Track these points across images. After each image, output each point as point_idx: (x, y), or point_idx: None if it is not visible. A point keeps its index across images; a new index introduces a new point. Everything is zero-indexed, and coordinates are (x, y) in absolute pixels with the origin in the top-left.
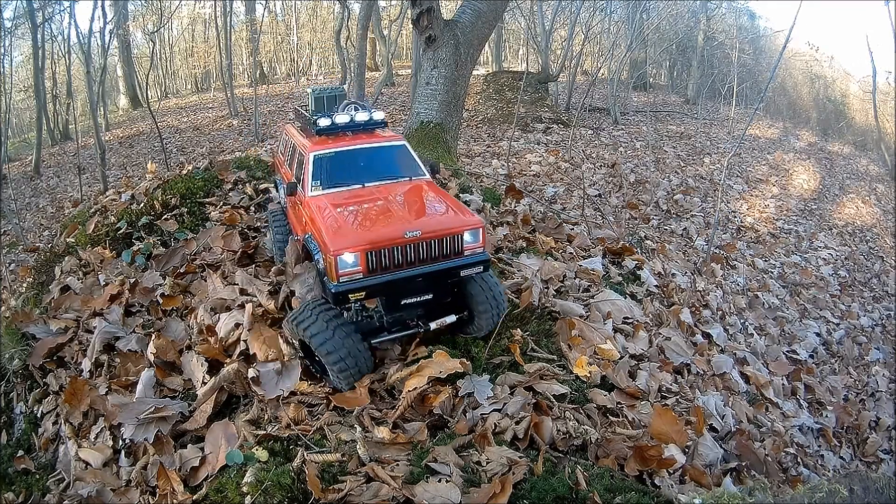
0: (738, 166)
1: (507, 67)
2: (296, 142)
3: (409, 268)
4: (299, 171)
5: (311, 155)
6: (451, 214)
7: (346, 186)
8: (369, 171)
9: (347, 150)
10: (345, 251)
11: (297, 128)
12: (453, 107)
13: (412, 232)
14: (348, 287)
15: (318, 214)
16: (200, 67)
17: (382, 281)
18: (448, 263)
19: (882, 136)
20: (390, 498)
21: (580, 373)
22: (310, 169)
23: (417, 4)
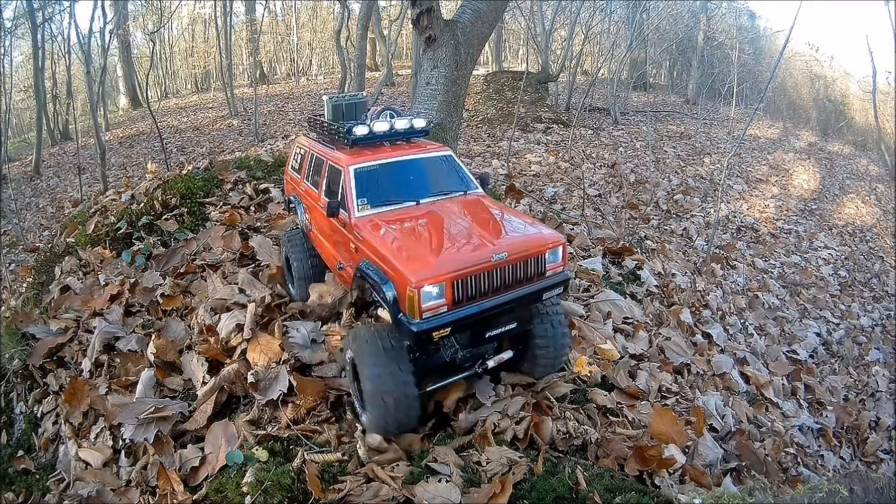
0: (738, 166)
1: (507, 67)
2: (321, 154)
3: (494, 295)
4: (333, 187)
5: (350, 168)
6: (531, 231)
7: (397, 204)
8: (420, 186)
9: (393, 163)
10: (428, 282)
11: (315, 139)
12: (453, 107)
13: (499, 255)
14: (433, 324)
15: (377, 238)
16: (200, 67)
17: (471, 313)
18: (534, 286)
19: (882, 136)
20: (390, 498)
21: (580, 373)
22: (352, 184)
23: (417, 4)
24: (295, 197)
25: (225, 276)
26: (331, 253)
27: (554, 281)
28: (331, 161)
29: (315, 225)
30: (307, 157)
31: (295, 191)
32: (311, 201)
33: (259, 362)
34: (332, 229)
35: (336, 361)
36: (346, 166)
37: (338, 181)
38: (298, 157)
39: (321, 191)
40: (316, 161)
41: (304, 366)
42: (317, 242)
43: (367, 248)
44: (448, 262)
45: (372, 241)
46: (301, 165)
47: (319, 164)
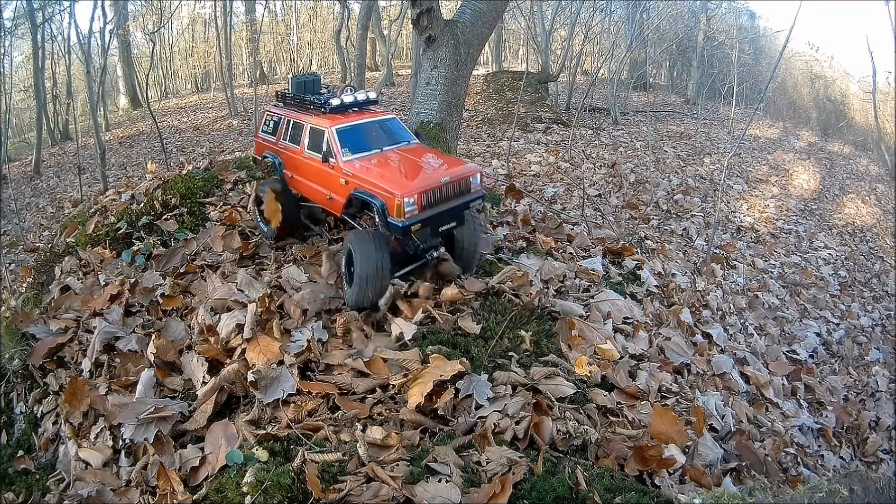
0: (738, 166)
1: (507, 67)
2: (300, 119)
3: (443, 204)
4: (317, 143)
5: (333, 129)
6: (460, 165)
7: (367, 152)
8: (380, 139)
9: (360, 123)
10: (407, 195)
11: (287, 109)
12: (453, 107)
13: (445, 179)
14: (411, 222)
15: (365, 173)
16: (200, 67)
17: (432, 214)
18: (464, 199)
19: (882, 136)
20: (390, 498)
21: (580, 373)
22: (336, 140)
23: (417, 4)
24: (271, 154)
25: (225, 276)
26: (317, 190)
27: (476, 196)
28: (312, 124)
29: (296, 172)
30: (283, 122)
31: (270, 149)
32: (293, 155)
33: (258, 363)
34: (319, 173)
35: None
36: (330, 127)
37: (321, 139)
38: (271, 123)
39: (303, 146)
40: (295, 125)
41: (307, 366)
42: (296, 184)
43: (358, 180)
44: (417, 183)
45: (362, 175)
46: (276, 129)
47: (299, 127)
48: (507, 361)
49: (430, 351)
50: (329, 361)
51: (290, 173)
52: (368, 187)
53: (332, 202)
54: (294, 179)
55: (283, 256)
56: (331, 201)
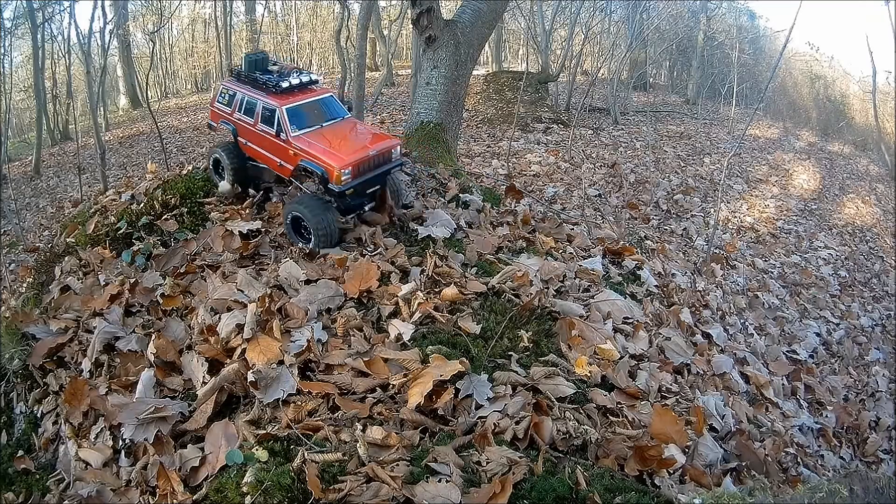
0: (738, 166)
1: (507, 67)
2: (254, 96)
3: (371, 172)
4: (269, 118)
5: (284, 108)
6: (385, 139)
7: (311, 128)
8: (320, 115)
9: (305, 103)
10: (344, 168)
11: (241, 85)
12: (453, 107)
13: (373, 151)
14: (346, 187)
15: (310, 148)
16: (200, 67)
17: (362, 180)
18: (387, 166)
19: (882, 136)
20: (390, 498)
21: (580, 373)
22: (286, 117)
23: (417, 4)
24: (226, 123)
25: (225, 276)
26: (268, 157)
27: (396, 163)
28: (265, 102)
29: (249, 140)
30: (238, 97)
31: (225, 119)
32: (247, 126)
33: (258, 363)
34: (271, 143)
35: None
36: (280, 106)
37: (273, 116)
38: (227, 95)
39: (257, 120)
40: (249, 101)
41: (307, 366)
42: (249, 151)
43: (304, 153)
44: (351, 156)
45: (308, 149)
46: (231, 102)
47: (253, 103)
48: (507, 361)
49: (430, 351)
50: (329, 361)
51: (245, 140)
52: (313, 159)
53: (282, 168)
54: (247, 146)
55: (283, 255)
56: (281, 167)
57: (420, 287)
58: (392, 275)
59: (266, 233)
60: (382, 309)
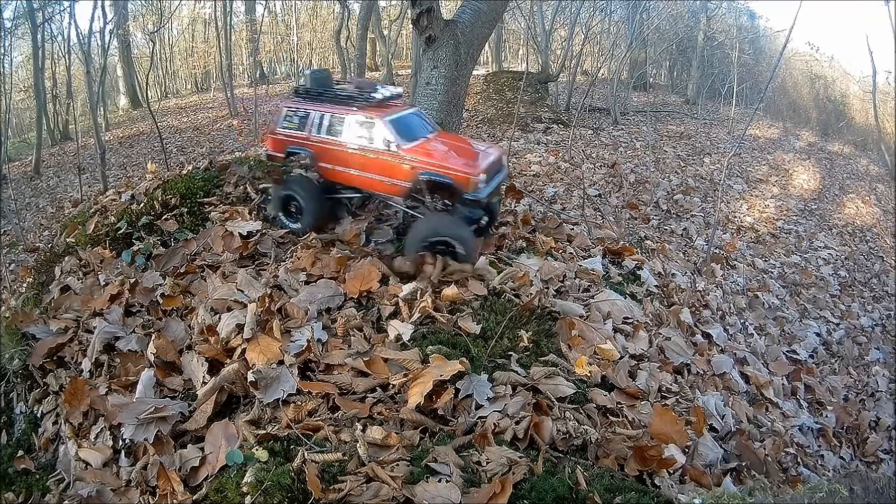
0: (738, 166)
1: (507, 67)
2: (341, 113)
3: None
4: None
5: (386, 119)
6: (496, 146)
7: (417, 140)
8: (420, 128)
9: (406, 115)
10: (479, 174)
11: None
12: (453, 107)
13: (493, 157)
14: (482, 195)
15: (432, 158)
16: (200, 67)
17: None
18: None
19: (882, 136)
20: (390, 498)
21: (580, 373)
22: (391, 129)
23: (417, 4)
24: (298, 149)
25: (225, 276)
26: (369, 178)
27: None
28: (355, 116)
29: (337, 164)
30: (314, 118)
31: (296, 144)
32: (332, 147)
33: (258, 363)
34: (375, 162)
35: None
36: (383, 118)
37: (366, 130)
38: (295, 118)
39: (349, 138)
40: (334, 119)
41: (307, 366)
42: (336, 176)
43: (425, 164)
44: (481, 163)
45: (429, 160)
46: (304, 124)
47: (338, 120)
48: (507, 361)
49: (430, 351)
50: (329, 361)
51: (330, 164)
52: (439, 169)
53: (393, 186)
54: (334, 171)
55: (283, 255)
56: (392, 185)
57: (426, 287)
58: (391, 276)
59: (266, 233)
60: (382, 309)
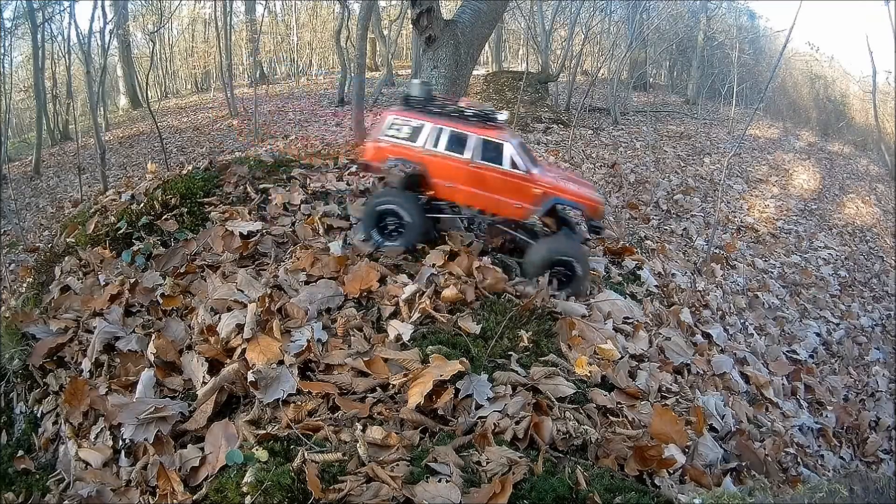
0: (738, 166)
1: (507, 67)
2: (461, 129)
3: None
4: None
5: (514, 142)
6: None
7: (539, 166)
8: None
9: (521, 140)
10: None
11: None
12: None
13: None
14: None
15: (561, 184)
16: (200, 67)
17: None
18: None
19: (882, 136)
20: (390, 498)
21: (580, 373)
22: (518, 153)
23: (417, 4)
24: (406, 161)
25: (225, 276)
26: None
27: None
28: (482, 136)
29: (453, 181)
30: (429, 130)
31: (405, 156)
32: (451, 163)
33: (258, 363)
34: (501, 183)
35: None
36: (510, 141)
37: (499, 151)
38: (404, 128)
39: (472, 156)
40: (454, 135)
41: (307, 366)
42: (451, 192)
43: (556, 191)
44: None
45: (560, 186)
46: (417, 136)
47: (461, 137)
48: (507, 361)
49: (430, 351)
50: (329, 361)
51: (443, 181)
52: (570, 196)
53: (518, 209)
54: (452, 188)
55: (283, 255)
56: (518, 208)
57: (425, 287)
58: (388, 276)
59: (266, 233)
60: (382, 309)
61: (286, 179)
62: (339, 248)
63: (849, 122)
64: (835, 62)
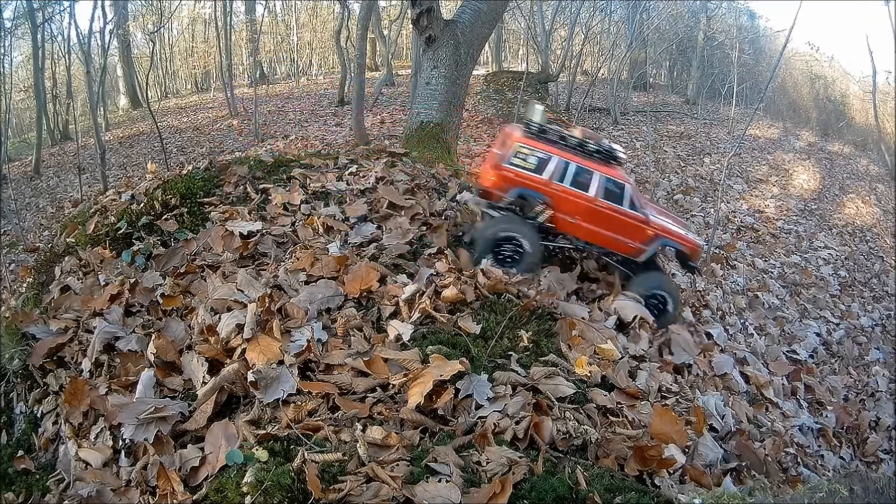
0: (738, 166)
1: (507, 67)
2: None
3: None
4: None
5: (632, 184)
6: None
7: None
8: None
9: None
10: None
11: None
12: (453, 107)
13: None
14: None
15: (668, 226)
16: (200, 67)
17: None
18: None
19: (882, 136)
20: (390, 498)
21: (580, 373)
22: (636, 195)
23: (417, 4)
24: (532, 191)
25: (225, 276)
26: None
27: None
28: (606, 174)
29: (577, 217)
30: (557, 164)
31: (530, 187)
32: (576, 200)
33: (258, 363)
34: (620, 222)
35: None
36: (629, 182)
37: (615, 190)
38: (533, 159)
39: (596, 194)
40: (581, 171)
41: (307, 366)
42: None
43: (665, 232)
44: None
45: (668, 227)
46: (543, 168)
47: (588, 173)
48: (507, 361)
49: (430, 351)
50: (329, 361)
51: (568, 216)
52: (674, 238)
53: (631, 247)
54: (574, 223)
55: (283, 255)
56: (630, 247)
57: (425, 287)
58: (389, 276)
59: (266, 233)
60: (382, 309)
61: (286, 179)
62: (338, 248)
63: (849, 122)
64: (835, 62)
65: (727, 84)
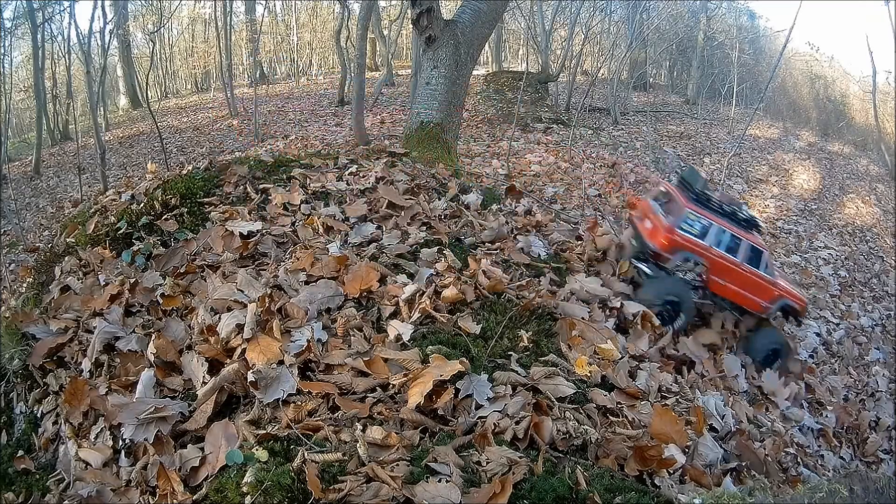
0: (738, 166)
1: (507, 67)
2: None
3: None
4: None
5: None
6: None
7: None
8: None
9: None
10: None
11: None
12: (453, 107)
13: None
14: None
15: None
16: (200, 67)
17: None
18: None
19: (882, 136)
20: (390, 498)
21: (580, 373)
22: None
23: (417, 4)
24: (693, 256)
25: (225, 276)
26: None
27: None
28: (752, 243)
29: (727, 279)
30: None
31: (694, 251)
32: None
33: (258, 363)
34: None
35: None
36: (766, 249)
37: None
38: (698, 225)
39: (742, 259)
40: (733, 238)
41: (307, 366)
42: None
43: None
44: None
45: (786, 287)
46: (706, 235)
47: (738, 241)
48: (507, 361)
49: (430, 351)
50: (329, 361)
51: (720, 279)
52: (790, 297)
53: (759, 305)
54: (724, 285)
55: (283, 255)
56: (759, 304)
57: (425, 287)
58: (389, 276)
59: (266, 233)
60: (382, 309)
61: (286, 179)
62: (338, 248)
63: (849, 122)
64: (835, 62)
65: (727, 84)
